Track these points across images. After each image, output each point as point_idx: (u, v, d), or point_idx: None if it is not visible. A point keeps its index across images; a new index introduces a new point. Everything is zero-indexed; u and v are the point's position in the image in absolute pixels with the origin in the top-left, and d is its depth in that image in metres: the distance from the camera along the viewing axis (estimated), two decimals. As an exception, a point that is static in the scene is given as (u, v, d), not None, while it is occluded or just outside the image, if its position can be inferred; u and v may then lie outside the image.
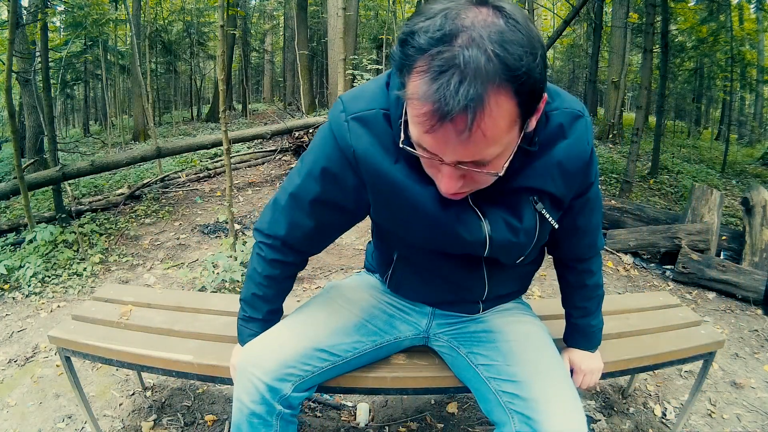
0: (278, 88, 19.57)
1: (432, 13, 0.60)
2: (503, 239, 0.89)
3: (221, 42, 2.97)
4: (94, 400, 1.75)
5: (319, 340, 1.04)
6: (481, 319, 1.14)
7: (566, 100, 0.84)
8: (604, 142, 8.99)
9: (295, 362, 0.99)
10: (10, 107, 3.16)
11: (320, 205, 0.93)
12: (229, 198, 3.01)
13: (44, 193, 4.99)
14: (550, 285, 2.90)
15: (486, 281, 1.04)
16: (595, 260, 1.10)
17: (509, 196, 0.86)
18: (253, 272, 1.06)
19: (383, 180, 0.84)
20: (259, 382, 0.97)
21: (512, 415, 0.94)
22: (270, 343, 1.03)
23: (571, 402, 0.93)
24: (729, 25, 8.85)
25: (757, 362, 2.18)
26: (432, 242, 0.94)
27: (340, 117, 0.84)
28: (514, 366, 0.99)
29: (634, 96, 14.47)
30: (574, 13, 5.03)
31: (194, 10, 12.63)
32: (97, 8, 6.61)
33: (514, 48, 0.58)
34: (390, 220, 0.95)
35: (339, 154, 0.86)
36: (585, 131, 0.84)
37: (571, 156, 0.84)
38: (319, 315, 1.10)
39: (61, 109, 13.38)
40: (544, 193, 0.86)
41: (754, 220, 3.24)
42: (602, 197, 3.50)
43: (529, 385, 0.95)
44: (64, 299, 2.65)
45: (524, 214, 0.87)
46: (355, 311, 1.12)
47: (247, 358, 1.00)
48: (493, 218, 0.87)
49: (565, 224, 0.97)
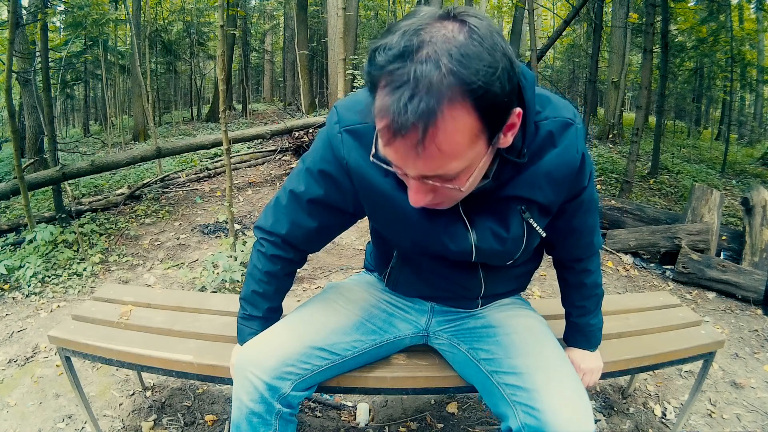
0: (278, 88, 19.58)
1: (395, 30, 0.61)
2: (489, 248, 0.91)
3: (221, 42, 2.97)
4: (94, 400, 1.75)
5: (319, 339, 1.04)
6: (480, 315, 1.15)
7: (557, 108, 0.84)
8: (604, 142, 8.99)
9: (294, 361, 1.00)
10: (10, 107, 3.16)
11: (320, 205, 0.96)
12: (229, 198, 3.01)
13: (44, 193, 4.99)
14: (550, 285, 2.90)
15: (482, 280, 1.06)
16: (593, 260, 1.11)
17: (497, 205, 0.87)
18: (253, 269, 1.07)
19: (374, 191, 0.87)
20: (258, 381, 0.97)
21: (516, 407, 0.94)
22: (269, 341, 1.03)
23: (574, 391, 0.93)
24: (729, 25, 8.86)
25: (757, 362, 2.18)
26: (422, 249, 0.96)
27: (335, 128, 0.87)
28: (515, 358, 1.00)
29: (634, 96, 14.46)
30: (574, 13, 5.03)
31: (194, 10, 12.62)
32: (97, 8, 6.61)
33: (471, 62, 0.58)
34: (383, 226, 0.98)
35: (336, 162, 0.89)
36: (575, 139, 0.84)
37: (560, 165, 0.84)
38: (318, 314, 1.11)
39: (61, 109, 13.38)
40: (532, 203, 0.87)
41: (754, 220, 3.24)
42: (601, 198, 3.47)
43: (531, 376, 0.95)
44: (64, 299, 2.65)
45: (512, 223, 0.89)
46: (355, 310, 1.13)
47: (246, 357, 1.00)
48: (480, 228, 0.89)
49: (560, 226, 0.98)
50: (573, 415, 0.89)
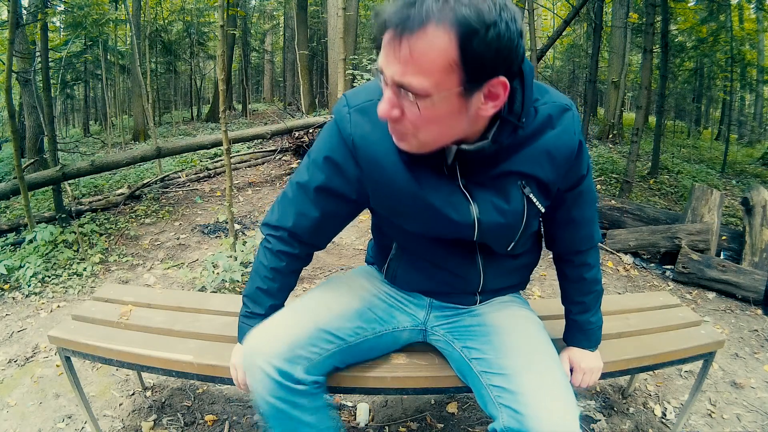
0: (278, 88, 19.59)
1: None
2: (491, 221, 0.93)
3: (221, 42, 2.97)
4: (94, 400, 1.75)
5: (324, 322, 1.04)
6: (476, 313, 1.14)
7: (554, 96, 0.90)
8: (604, 142, 8.99)
9: (302, 343, 0.98)
10: (10, 107, 3.16)
11: (324, 193, 0.98)
12: (229, 198, 3.01)
13: (44, 193, 4.98)
14: (550, 285, 2.91)
15: (481, 271, 1.07)
16: (593, 253, 1.12)
17: (497, 180, 0.91)
18: (259, 265, 1.08)
19: (378, 166, 0.91)
20: (270, 368, 0.94)
21: (501, 409, 0.93)
22: (275, 327, 1.01)
23: (560, 396, 0.92)
24: (729, 25, 8.85)
25: (757, 362, 2.18)
26: (424, 225, 0.97)
27: (343, 110, 0.92)
28: (504, 359, 0.99)
29: (634, 96, 14.44)
30: (574, 13, 5.03)
31: (194, 10, 12.62)
32: (97, 8, 6.61)
33: (473, 7, 0.65)
34: (386, 207, 0.99)
35: (341, 145, 0.93)
36: (572, 123, 0.90)
37: (559, 145, 0.89)
38: (321, 299, 1.12)
39: (61, 109, 13.37)
40: (531, 178, 0.91)
41: (754, 220, 3.24)
42: (601, 198, 3.49)
43: (517, 378, 0.94)
44: (64, 299, 2.65)
45: (512, 196, 0.92)
46: (357, 298, 1.13)
47: (253, 348, 0.98)
48: (481, 200, 0.92)
49: (560, 217, 1.02)
50: (557, 421, 0.87)
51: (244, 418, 1.68)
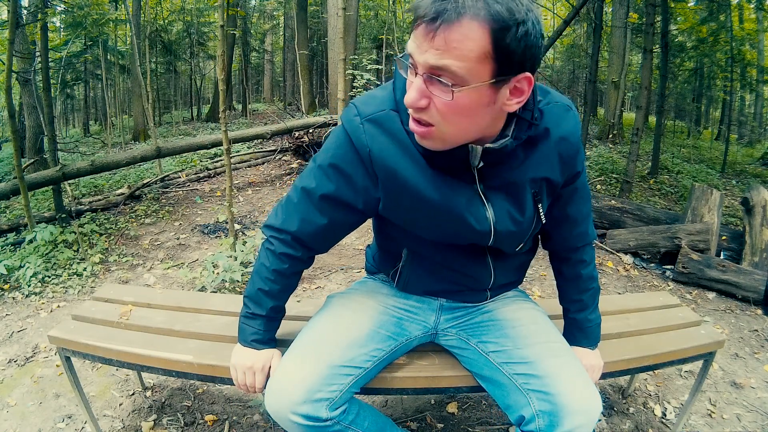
0: (278, 88, 19.59)
1: None
2: (505, 230, 0.97)
3: (221, 42, 2.97)
4: (94, 400, 1.75)
5: (336, 358, 1.02)
6: (486, 309, 1.17)
7: (555, 96, 0.93)
8: (604, 142, 8.98)
9: (320, 386, 0.98)
10: (10, 107, 3.16)
11: (331, 201, 0.97)
12: (229, 198, 3.01)
13: (44, 193, 4.98)
14: (550, 285, 2.90)
15: (492, 270, 1.10)
16: (588, 250, 1.15)
17: (513, 187, 0.93)
18: (260, 267, 1.07)
19: (397, 177, 0.91)
20: (296, 417, 0.96)
21: (530, 395, 0.98)
22: (291, 376, 1.00)
23: (580, 372, 1.01)
24: (729, 25, 8.84)
25: (757, 362, 2.18)
26: (442, 233, 0.99)
27: (355, 120, 0.90)
28: (524, 348, 1.04)
29: (634, 96, 14.44)
30: (574, 13, 5.03)
31: (194, 10, 12.62)
32: (97, 8, 6.61)
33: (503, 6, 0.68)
34: (402, 217, 0.99)
35: (353, 155, 0.92)
36: (575, 122, 0.94)
37: (566, 143, 0.93)
38: (329, 333, 1.08)
39: (61, 109, 13.37)
40: (543, 180, 0.94)
41: (754, 220, 3.24)
42: (601, 198, 3.50)
43: (541, 364, 1.00)
44: (64, 299, 2.65)
45: (526, 206, 0.96)
46: (365, 321, 1.12)
47: (276, 401, 0.98)
48: (498, 208, 0.95)
49: (556, 214, 1.04)
50: (583, 395, 0.95)
51: (244, 418, 1.68)
